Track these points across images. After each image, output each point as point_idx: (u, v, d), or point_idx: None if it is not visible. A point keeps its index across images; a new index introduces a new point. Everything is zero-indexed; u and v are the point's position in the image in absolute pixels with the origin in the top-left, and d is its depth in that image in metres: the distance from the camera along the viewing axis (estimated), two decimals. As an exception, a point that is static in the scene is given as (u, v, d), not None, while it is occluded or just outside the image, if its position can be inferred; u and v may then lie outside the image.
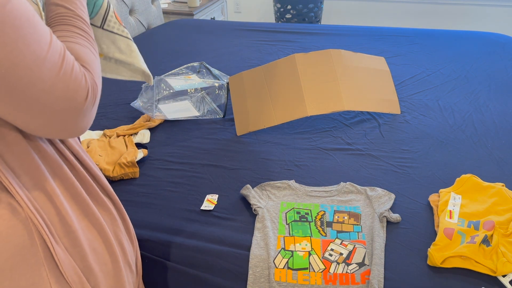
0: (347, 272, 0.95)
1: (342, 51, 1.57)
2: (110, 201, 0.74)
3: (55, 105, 0.53)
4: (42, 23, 0.53)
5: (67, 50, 0.55)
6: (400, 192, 1.18)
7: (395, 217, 1.07)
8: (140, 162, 1.35)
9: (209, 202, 1.17)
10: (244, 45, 2.33)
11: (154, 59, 2.19)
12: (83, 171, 0.68)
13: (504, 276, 0.91)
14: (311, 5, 3.28)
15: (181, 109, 1.58)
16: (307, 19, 3.35)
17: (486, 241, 0.96)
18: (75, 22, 0.64)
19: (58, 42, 0.54)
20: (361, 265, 0.97)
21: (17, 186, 0.57)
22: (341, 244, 1.02)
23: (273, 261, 0.98)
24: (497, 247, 0.94)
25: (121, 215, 0.76)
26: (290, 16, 3.35)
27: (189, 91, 1.66)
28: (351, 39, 2.34)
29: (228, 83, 1.61)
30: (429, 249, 0.97)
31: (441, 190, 1.16)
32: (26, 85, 0.50)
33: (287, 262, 0.98)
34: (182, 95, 1.64)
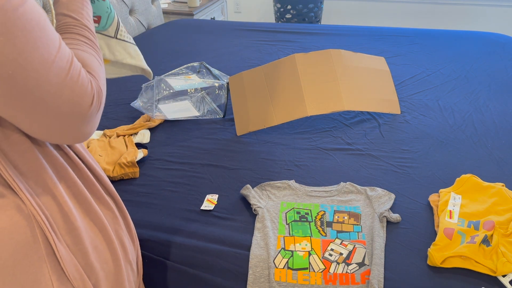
0: (347, 272, 0.95)
1: (342, 51, 1.57)
2: (112, 200, 0.75)
3: (60, 108, 0.54)
4: (52, 28, 0.54)
5: (74, 57, 0.57)
6: (400, 192, 1.18)
7: (395, 217, 1.07)
8: (140, 162, 1.35)
9: (209, 202, 1.17)
10: (244, 45, 2.33)
11: (154, 59, 2.19)
12: (85, 170, 0.69)
13: (504, 276, 0.91)
14: (311, 5, 3.28)
15: (181, 109, 1.58)
16: (307, 19, 3.35)
17: (486, 241, 0.96)
18: (81, 31, 0.66)
19: (67, 49, 0.55)
20: (361, 265, 0.97)
21: (21, 184, 0.58)
22: (341, 244, 1.02)
23: (273, 261, 0.98)
24: (497, 247, 0.94)
25: (123, 214, 0.77)
26: (290, 16, 3.35)
27: (189, 91, 1.66)
28: (351, 39, 2.34)
29: (228, 83, 1.61)
30: (429, 249, 0.97)
31: (441, 190, 1.16)
32: (33, 87, 0.51)
33: (287, 262, 0.98)
34: (182, 95, 1.64)
